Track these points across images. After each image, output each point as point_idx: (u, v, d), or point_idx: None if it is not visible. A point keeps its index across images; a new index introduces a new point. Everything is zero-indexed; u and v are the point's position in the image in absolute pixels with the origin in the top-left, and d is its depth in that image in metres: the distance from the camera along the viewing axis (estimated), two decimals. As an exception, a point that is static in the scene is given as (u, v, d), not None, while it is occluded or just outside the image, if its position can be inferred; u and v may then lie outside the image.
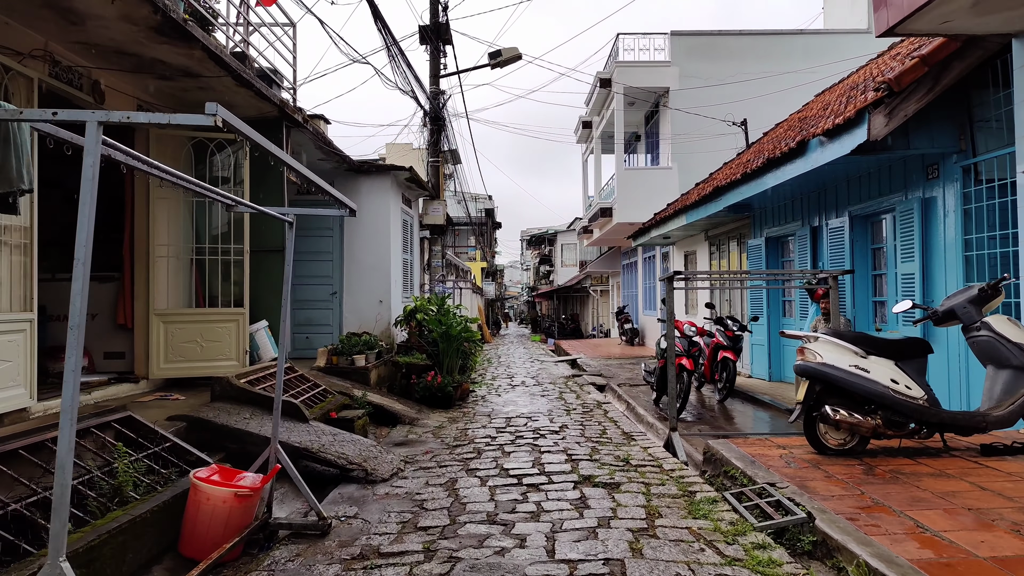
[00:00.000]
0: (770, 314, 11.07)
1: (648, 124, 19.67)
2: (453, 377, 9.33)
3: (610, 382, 11.94)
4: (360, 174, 10.79)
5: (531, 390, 11.12)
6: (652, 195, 16.97)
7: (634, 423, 8.24)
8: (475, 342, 10.49)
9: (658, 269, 18.38)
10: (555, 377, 13.38)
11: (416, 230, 12.95)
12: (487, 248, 38.32)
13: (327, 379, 8.51)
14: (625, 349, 19.29)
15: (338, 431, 6.15)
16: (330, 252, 10.75)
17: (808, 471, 4.77)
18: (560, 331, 31.37)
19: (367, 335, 9.72)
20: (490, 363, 17.27)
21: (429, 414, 8.50)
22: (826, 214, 9.19)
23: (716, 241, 13.91)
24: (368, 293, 10.72)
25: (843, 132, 6.65)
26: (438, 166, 13.32)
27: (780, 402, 9.00)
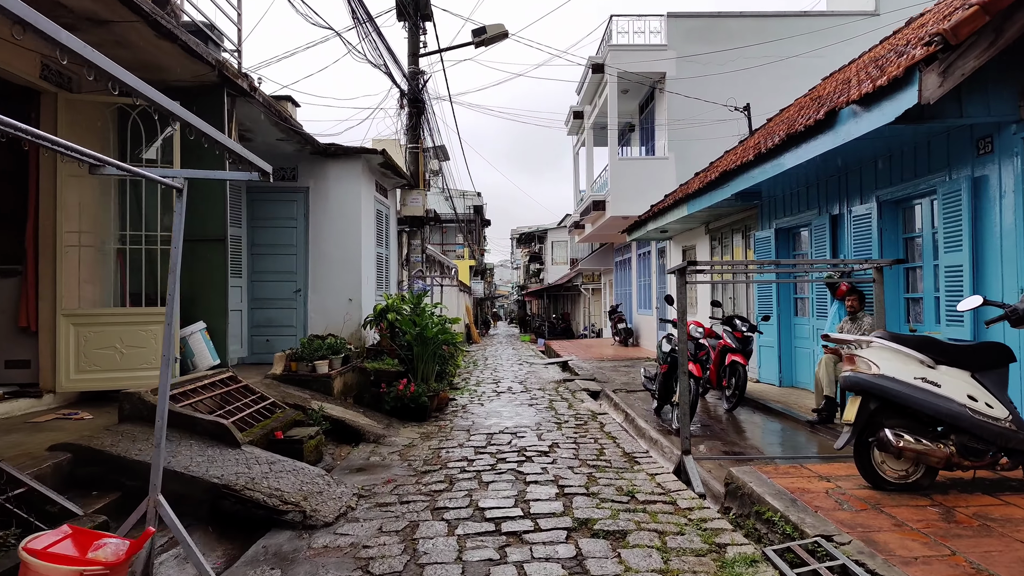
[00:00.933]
0: (780, 313, 10.00)
1: (643, 113, 18.59)
2: (429, 385, 8.19)
3: (605, 388, 10.84)
4: (327, 158, 9.62)
5: (518, 398, 9.99)
6: (648, 187, 15.88)
7: (635, 439, 7.13)
8: (455, 345, 9.37)
9: (654, 265, 17.30)
10: (545, 382, 12.26)
11: (393, 222, 11.80)
12: (475, 246, 37.14)
13: (282, 389, 7.35)
14: (619, 350, 18.20)
15: (278, 458, 4.99)
16: (293, 245, 9.57)
17: (870, 516, 3.66)
18: (550, 331, 30.27)
19: (332, 338, 8.56)
20: (476, 366, 16.13)
21: (399, 429, 7.34)
22: (849, 200, 8.11)
23: (718, 234, 12.83)
24: (336, 291, 9.56)
25: (884, 97, 5.56)
26: (417, 153, 12.18)
27: (796, 412, 7.92)
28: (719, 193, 9.68)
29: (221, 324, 6.61)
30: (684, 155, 15.90)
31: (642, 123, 18.80)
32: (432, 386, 8.20)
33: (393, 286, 11.40)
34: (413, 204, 12.00)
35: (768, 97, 14.79)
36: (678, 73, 15.91)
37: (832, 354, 7.34)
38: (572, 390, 10.87)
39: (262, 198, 9.51)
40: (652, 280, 17.45)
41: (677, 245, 15.29)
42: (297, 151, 9.29)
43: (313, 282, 9.57)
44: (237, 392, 6.21)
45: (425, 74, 12.23)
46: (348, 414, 7.19)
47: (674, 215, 12.03)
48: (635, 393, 10.28)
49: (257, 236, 9.48)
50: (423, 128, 12.27)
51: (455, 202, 36.93)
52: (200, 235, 6.50)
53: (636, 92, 17.94)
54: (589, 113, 19.77)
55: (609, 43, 16.38)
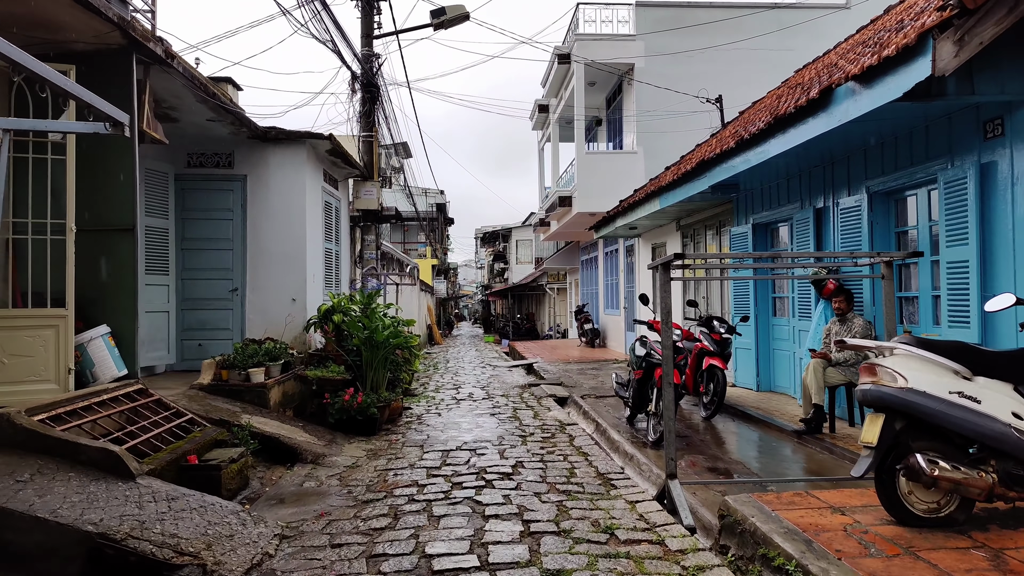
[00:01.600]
0: (758, 313, 9.40)
1: (610, 107, 17.96)
2: (379, 394, 7.32)
3: (573, 393, 10.10)
4: (268, 143, 8.67)
5: (479, 406, 9.18)
6: (616, 182, 15.23)
7: (608, 454, 6.39)
8: (411, 349, 8.52)
9: (622, 264, 16.67)
10: (509, 387, 11.48)
11: (344, 216, 10.87)
12: (438, 244, 36.17)
13: (208, 402, 6.40)
14: (585, 351, 17.53)
15: (183, 492, 4.10)
16: (229, 239, 8.59)
17: (906, 565, 2.96)
18: (515, 331, 29.53)
19: (272, 342, 7.63)
20: (436, 369, 15.26)
21: (343, 446, 6.46)
22: (835, 192, 7.52)
23: (690, 231, 12.23)
24: (278, 290, 8.61)
25: (890, 70, 4.92)
26: (371, 142, 11.26)
27: (780, 420, 7.29)
28: (695, 185, 9.03)
29: (130, 328, 5.65)
30: (653, 149, 15.30)
31: (609, 117, 18.17)
32: (383, 395, 7.34)
33: (345, 285, 10.48)
34: (367, 197, 11.09)
35: (738, 90, 14.27)
36: (647, 65, 15.30)
37: (821, 358, 6.72)
38: (538, 396, 10.11)
39: (194, 187, 8.51)
40: (620, 279, 16.83)
41: (646, 243, 14.67)
42: (232, 135, 8.32)
43: (252, 280, 8.60)
44: (147, 408, 5.27)
45: (380, 57, 11.34)
46: (284, 430, 6.28)
47: (645, 210, 11.37)
48: (605, 399, 9.57)
49: (188, 229, 8.47)
50: (378, 115, 11.37)
51: (418, 200, 35.96)
52: (102, 223, 5.54)
53: (603, 85, 17.30)
54: (555, 106, 19.06)
55: (576, 32, 15.69)
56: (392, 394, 7.51)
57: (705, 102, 13.62)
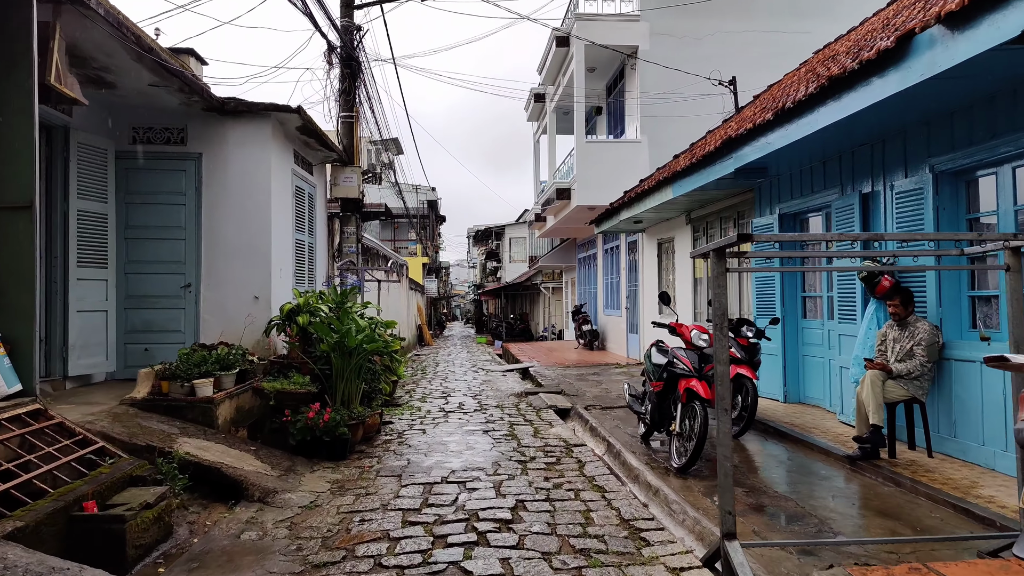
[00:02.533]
0: (786, 314, 8.29)
1: (611, 95, 16.83)
2: (351, 409, 6.14)
3: (575, 404, 8.95)
4: (226, 117, 7.47)
5: (471, 419, 8.01)
6: (618, 173, 14.10)
7: (628, 487, 5.24)
8: (392, 354, 7.34)
9: (623, 261, 15.54)
10: (503, 395, 10.31)
11: (321, 205, 9.68)
12: (429, 242, 34.96)
13: (138, 422, 5.21)
14: (584, 354, 16.39)
15: (53, 565, 2.90)
16: (181, 227, 7.39)
17: None
18: (508, 332, 28.38)
19: (225, 347, 6.44)
20: (424, 374, 14.08)
21: (303, 476, 5.28)
22: (888, 174, 6.40)
23: (701, 224, 11.10)
24: (238, 286, 7.41)
25: (999, 5, 3.80)
26: (352, 123, 10.08)
27: (822, 440, 6.18)
28: (717, 169, 7.90)
29: (27, 332, 4.44)
30: (658, 138, 14.17)
31: (610, 106, 17.04)
32: (356, 411, 6.15)
33: (320, 282, 9.29)
34: (346, 184, 9.90)
35: (750, 75, 13.18)
36: (652, 48, 14.17)
37: (879, 370, 5.59)
38: (536, 407, 8.95)
39: (140, 166, 7.30)
40: (621, 278, 15.69)
41: (651, 238, 13.54)
42: (184, 105, 7.12)
43: (208, 275, 7.40)
44: (41, 435, 4.07)
45: (362, 29, 10.14)
46: (230, 456, 5.10)
47: (654, 200, 10.23)
48: (612, 411, 8.43)
49: (133, 215, 7.26)
50: (359, 94, 10.18)
51: (408, 196, 34.72)
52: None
53: (604, 71, 16.16)
54: (552, 95, 17.91)
55: (576, 12, 14.53)
56: (367, 409, 6.33)
57: (717, 84, 12.51)
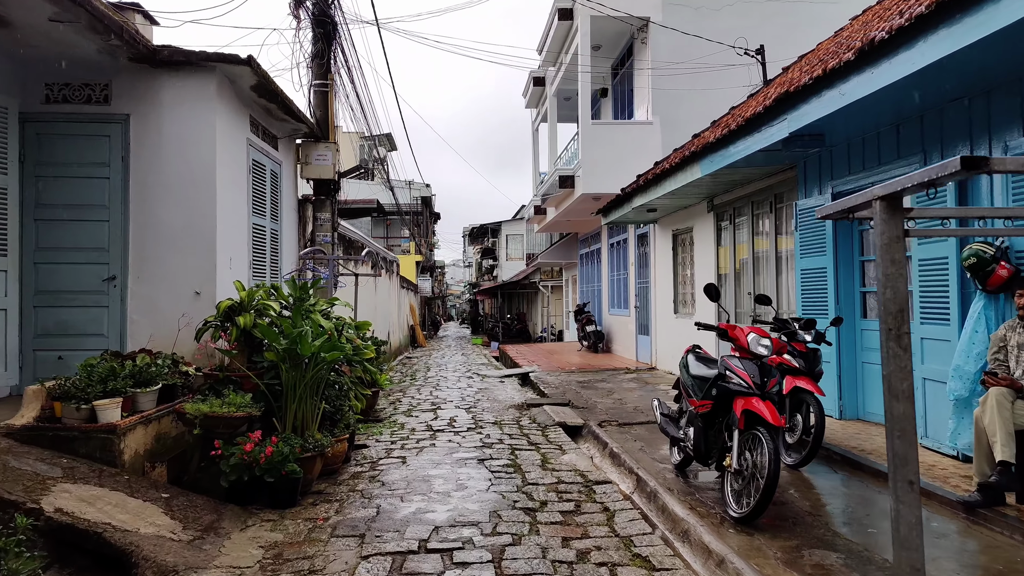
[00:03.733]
0: (839, 314, 6.86)
1: (617, 76, 15.38)
2: (307, 438, 4.68)
3: (587, 419, 7.51)
4: (160, 69, 6.01)
5: (464, 442, 6.56)
6: (627, 158, 12.67)
7: (679, 549, 3.79)
8: (366, 363, 5.88)
9: (631, 255, 14.11)
10: (502, 407, 8.87)
11: (288, 186, 8.21)
12: (422, 239, 33.46)
13: (5, 461, 3.74)
14: (588, 357, 14.94)
15: None
16: (104, 205, 5.91)
17: None
18: (505, 333, 26.93)
19: (147, 356, 4.97)
20: (413, 380, 12.61)
21: (229, 536, 3.81)
22: (995, 135, 4.97)
23: (727, 212, 9.67)
24: (175, 279, 5.95)
25: None
26: (326, 93, 8.63)
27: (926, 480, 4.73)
28: (762, 136, 6.46)
29: None
30: (672, 119, 12.74)
31: (616, 89, 15.60)
32: (313, 439, 4.69)
33: (286, 276, 7.81)
34: (320, 163, 8.45)
35: (774, 49, 11.77)
36: (665, 18, 12.74)
37: (1006, 387, 4.16)
38: (541, 424, 7.50)
39: (53, 130, 5.83)
40: (630, 274, 14.26)
41: (665, 229, 12.11)
42: (106, 55, 5.64)
43: (137, 265, 5.94)
44: None
45: (338, -16, 8.67)
46: (125, 512, 3.63)
47: (675, 182, 8.79)
48: (631, 428, 7.00)
49: (44, 190, 5.79)
50: (335, 58, 8.71)
51: (402, 192, 33.25)
52: None
53: (610, 49, 14.72)
54: (552, 77, 16.46)
55: (581, -19, 13.08)
56: (328, 436, 4.86)
57: (744, 54, 11.07)
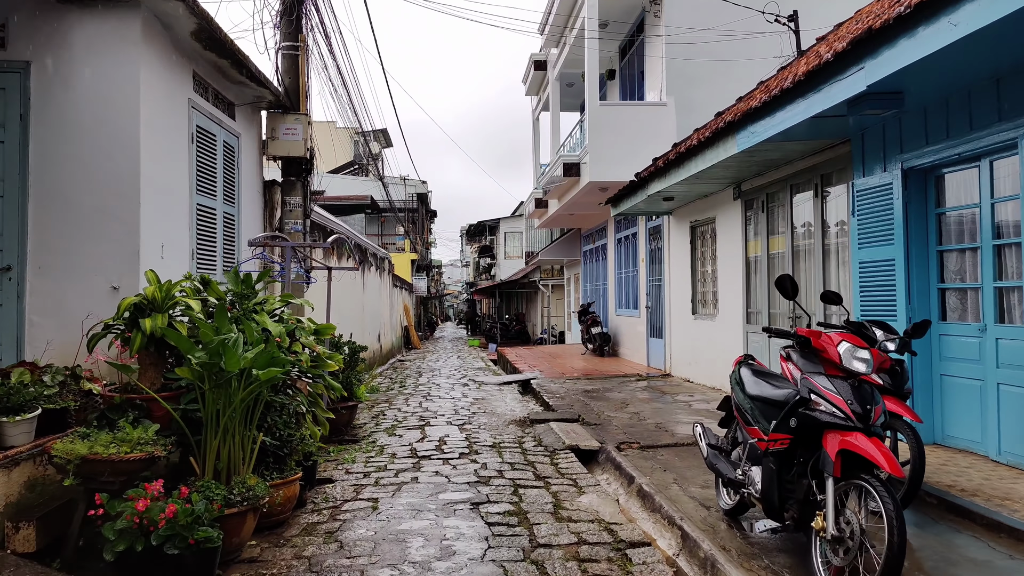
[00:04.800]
0: (911, 315, 5.60)
1: (626, 57, 14.10)
2: (235, 485, 3.39)
3: (603, 439, 6.22)
4: (70, 4, 4.72)
5: (453, 475, 5.26)
6: (638, 144, 11.40)
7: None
8: (327, 378, 4.57)
9: (642, 251, 12.83)
10: (501, 422, 7.58)
11: (249, 163, 6.91)
12: (417, 235, 32.15)
13: None
14: (593, 362, 13.66)
15: None
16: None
17: None
18: (503, 334, 25.64)
19: (26, 371, 3.67)
20: (402, 388, 11.31)
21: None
22: None
23: (758, 199, 8.39)
24: (87, 271, 4.66)
25: None
26: (297, 56, 7.35)
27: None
28: (821, 97, 5.16)
29: None
30: (688, 100, 11.46)
31: (624, 71, 14.31)
32: (244, 487, 3.39)
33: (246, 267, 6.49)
34: (289, 137, 7.17)
35: (803, 18, 10.50)
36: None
37: None
38: (549, 446, 6.21)
39: (-71, 81, 4.53)
40: (640, 271, 12.98)
41: (681, 221, 10.84)
42: (-6, -20, 4.36)
43: (39, 253, 4.64)
44: None
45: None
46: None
47: (702, 162, 7.49)
48: (657, 451, 5.74)
49: (-85, 157, 4.49)
50: (307, 18, 7.41)
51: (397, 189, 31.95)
52: None
53: (618, 27, 13.43)
54: (555, 59, 15.18)
55: (587, -53, 11.81)
56: (265, 482, 3.56)
57: (774, 21, 9.78)
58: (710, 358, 9.77)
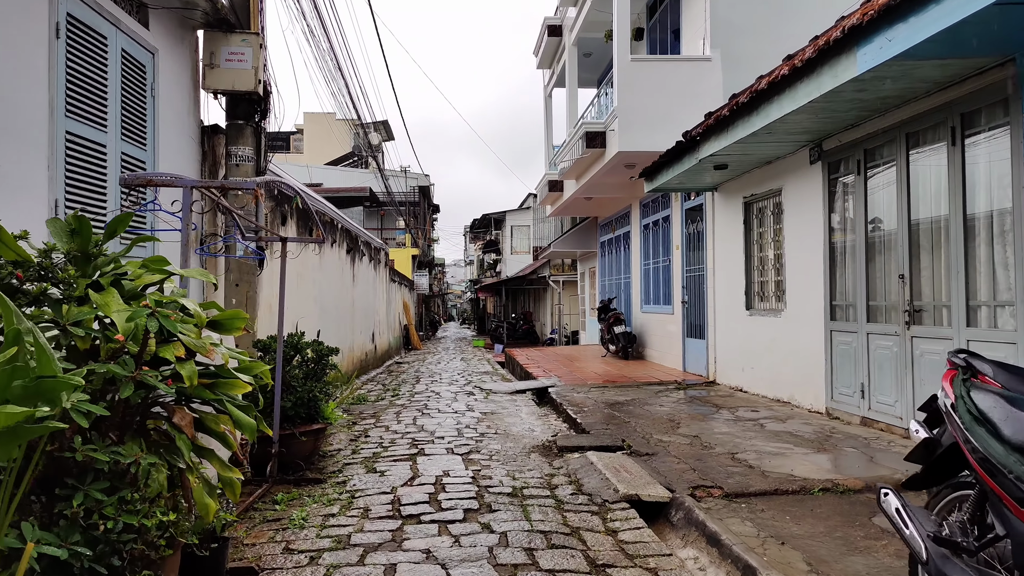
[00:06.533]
0: None
1: (655, 15, 12.09)
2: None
3: (669, 481, 4.23)
4: None
5: (454, 552, 3.28)
6: (675, 108, 9.43)
7: None
8: (227, 401, 2.65)
9: (676, 236, 10.84)
10: (518, 450, 5.61)
11: (174, 93, 4.95)
12: (418, 229, 30.17)
13: None
14: (617, 366, 11.67)
15: None
16: None
17: None
18: (510, 334, 23.65)
19: None
20: (395, 397, 9.32)
21: None
22: None
23: (850, 159, 6.40)
24: None
25: None
26: (247, -41, 5.43)
27: None
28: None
29: None
30: (737, 54, 9.47)
31: (654, 30, 12.30)
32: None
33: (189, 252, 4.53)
34: (233, 65, 5.23)
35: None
36: (729, -79, 9.47)
37: None
38: (595, 495, 4.23)
39: None
40: (673, 260, 10.99)
41: (730, 198, 8.85)
42: None
43: None
44: None
45: None
46: None
47: (796, 98, 5.47)
48: (751, 502, 3.75)
49: None
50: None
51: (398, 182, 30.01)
52: None
53: (647, -22, 11.45)
54: (571, 22, 13.19)
55: None
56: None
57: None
58: (773, 363, 7.79)
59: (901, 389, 5.66)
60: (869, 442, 5.50)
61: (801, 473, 4.56)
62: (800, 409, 7.12)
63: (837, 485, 4.27)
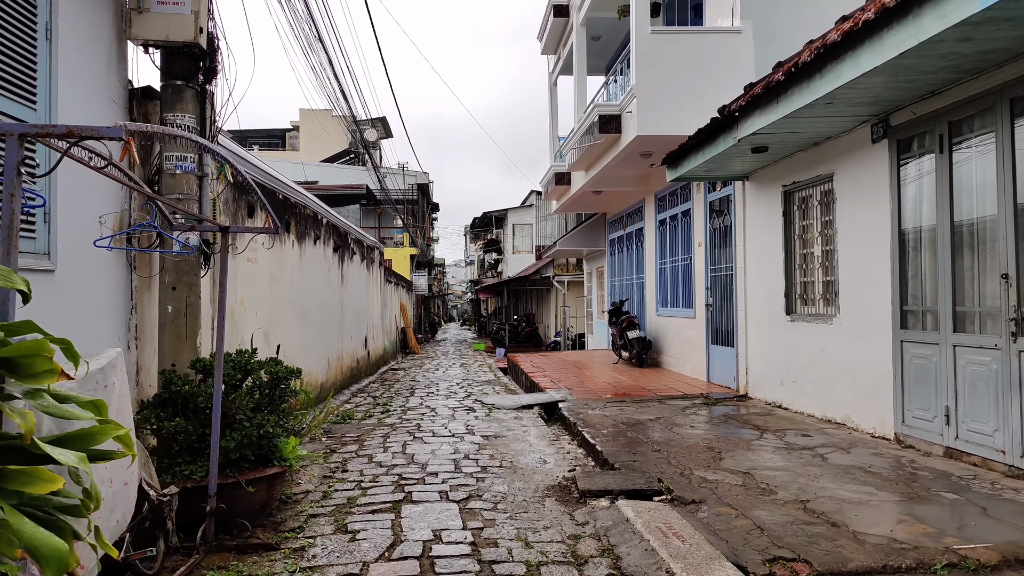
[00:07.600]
0: None
1: (672, -12, 10.96)
2: None
3: (735, 549, 3.10)
4: None
5: None
6: (701, 86, 8.30)
7: None
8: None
9: (698, 231, 9.68)
10: (529, 493, 4.46)
11: (81, 36, 3.83)
12: (416, 227, 29.01)
13: None
14: (632, 375, 10.52)
15: None
16: None
17: None
18: (512, 337, 22.50)
19: None
20: (385, 413, 8.17)
21: None
22: None
23: (929, 133, 5.26)
24: None
25: None
26: None
27: None
28: None
29: None
30: (769, 27, 8.35)
31: (671, 8, 11.15)
32: None
33: (51, 233, 3.41)
34: (167, 8, 4.09)
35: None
36: None
37: None
38: (634, 573, 3.09)
39: None
40: (695, 258, 9.84)
41: (766, 187, 7.70)
42: None
43: None
44: None
45: None
46: None
47: (882, 51, 4.32)
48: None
49: None
50: None
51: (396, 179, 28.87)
52: None
53: (665, -53, 10.30)
54: (579, 1, 12.03)
55: None
56: None
57: None
58: (821, 377, 6.64)
59: (1003, 416, 4.52)
60: (967, 483, 4.35)
61: (904, 536, 3.41)
62: (860, 434, 5.97)
63: (965, 559, 3.12)
